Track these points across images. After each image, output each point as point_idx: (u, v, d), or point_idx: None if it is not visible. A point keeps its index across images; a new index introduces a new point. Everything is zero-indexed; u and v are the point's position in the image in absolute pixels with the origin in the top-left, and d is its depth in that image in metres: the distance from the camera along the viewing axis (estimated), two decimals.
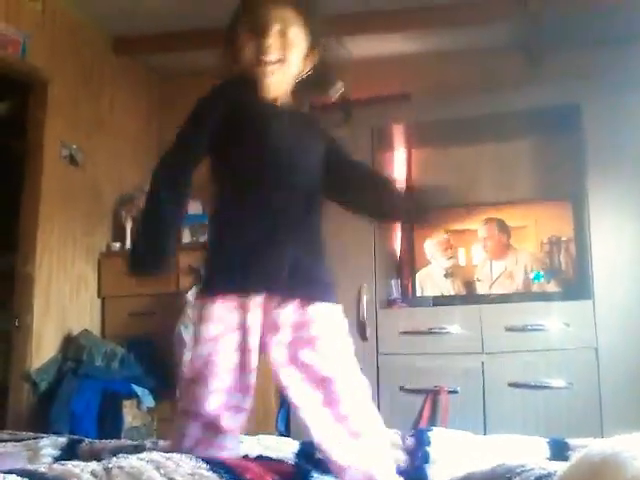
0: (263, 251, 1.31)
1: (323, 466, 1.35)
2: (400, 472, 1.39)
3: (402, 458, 1.63)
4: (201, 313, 1.32)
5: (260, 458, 1.36)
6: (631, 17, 3.11)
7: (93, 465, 1.02)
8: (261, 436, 1.73)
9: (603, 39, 3.38)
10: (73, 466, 1.02)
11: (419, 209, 1.60)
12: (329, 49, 1.45)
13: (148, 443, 1.66)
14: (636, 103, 3.04)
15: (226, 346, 1.29)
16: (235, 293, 1.30)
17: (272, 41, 1.36)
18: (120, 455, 1.10)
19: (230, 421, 1.30)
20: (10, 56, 2.96)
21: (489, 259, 3.40)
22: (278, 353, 1.30)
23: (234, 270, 1.32)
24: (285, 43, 1.38)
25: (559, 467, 1.02)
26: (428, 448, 1.70)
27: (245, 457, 1.34)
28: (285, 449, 1.66)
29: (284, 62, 1.38)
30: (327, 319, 1.33)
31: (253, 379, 1.32)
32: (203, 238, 3.50)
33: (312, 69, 1.44)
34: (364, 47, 3.70)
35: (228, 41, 1.43)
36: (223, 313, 1.30)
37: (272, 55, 1.37)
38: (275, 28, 1.37)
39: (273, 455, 1.46)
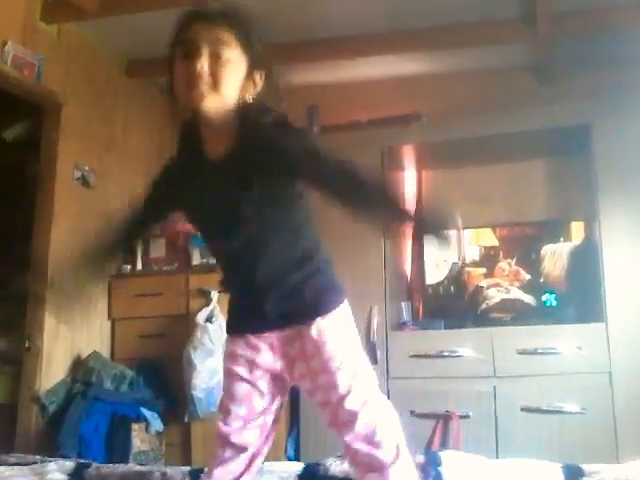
0: (238, 293, 1.42)
1: None
2: None
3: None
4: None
5: None
6: None
7: None
8: (266, 463, 1.73)
9: (613, 60, 3.37)
10: None
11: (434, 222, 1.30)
12: (272, 75, 1.35)
13: (157, 472, 1.65)
14: None
15: (235, 377, 1.39)
16: (235, 334, 1.41)
17: (203, 63, 1.25)
18: None
19: (246, 439, 1.37)
20: (26, 79, 3.00)
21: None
22: (302, 385, 1.39)
23: (230, 313, 1.45)
24: (218, 65, 1.26)
25: None
26: (440, 468, 1.69)
27: None
28: (289, 471, 1.69)
29: (218, 85, 1.26)
30: (328, 334, 1.32)
31: (261, 406, 1.39)
32: (213, 260, 3.49)
33: (255, 96, 1.34)
34: (375, 68, 3.72)
35: (168, 70, 1.34)
36: (233, 350, 1.39)
37: (203, 78, 1.25)
38: (206, 49, 1.26)
39: (275, 478, 1.49)
